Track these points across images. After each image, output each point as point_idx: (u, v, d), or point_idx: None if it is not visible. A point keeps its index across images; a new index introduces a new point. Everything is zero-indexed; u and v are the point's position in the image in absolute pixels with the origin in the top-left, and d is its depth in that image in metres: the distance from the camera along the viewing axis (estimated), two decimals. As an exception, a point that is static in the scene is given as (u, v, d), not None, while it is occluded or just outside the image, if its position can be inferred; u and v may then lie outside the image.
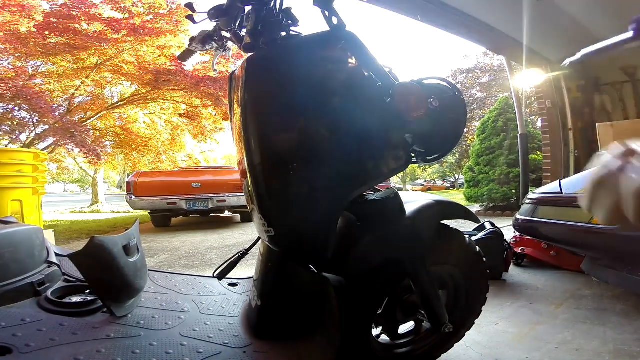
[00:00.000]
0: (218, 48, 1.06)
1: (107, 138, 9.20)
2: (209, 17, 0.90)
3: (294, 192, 0.78)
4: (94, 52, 6.92)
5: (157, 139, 9.29)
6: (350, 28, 0.78)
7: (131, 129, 9.05)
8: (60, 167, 11.38)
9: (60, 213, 9.45)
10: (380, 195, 0.86)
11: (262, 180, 0.77)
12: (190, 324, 0.88)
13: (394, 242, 0.84)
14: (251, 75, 0.77)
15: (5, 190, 2.39)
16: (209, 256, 3.15)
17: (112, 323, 0.80)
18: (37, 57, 6.86)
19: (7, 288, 0.82)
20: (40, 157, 2.64)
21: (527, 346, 1.26)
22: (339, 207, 0.81)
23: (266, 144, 0.77)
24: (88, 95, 8.39)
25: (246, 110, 0.77)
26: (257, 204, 0.80)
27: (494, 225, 2.13)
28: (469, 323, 1.07)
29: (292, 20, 0.86)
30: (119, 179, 29.39)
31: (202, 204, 4.93)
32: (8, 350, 0.65)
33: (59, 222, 6.71)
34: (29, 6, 6.19)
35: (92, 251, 0.80)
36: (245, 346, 0.83)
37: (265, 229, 0.81)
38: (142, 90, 8.30)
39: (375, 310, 0.90)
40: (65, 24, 6.42)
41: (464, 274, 1.02)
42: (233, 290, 1.16)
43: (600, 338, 1.28)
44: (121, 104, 8.70)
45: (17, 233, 0.91)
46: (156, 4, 7.27)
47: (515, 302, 1.70)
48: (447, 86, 0.85)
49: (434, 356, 1.04)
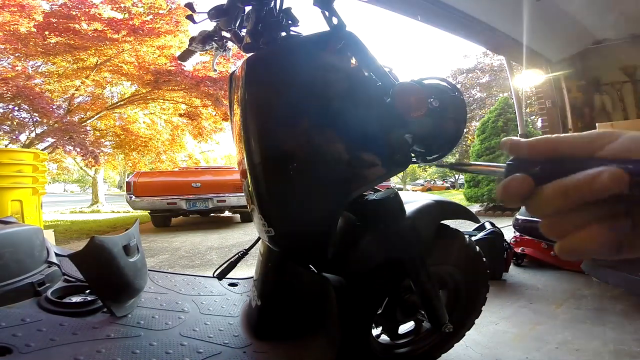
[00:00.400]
0: (218, 48, 1.06)
1: (107, 138, 9.21)
2: (209, 17, 0.90)
3: (294, 192, 0.78)
4: (93, 52, 6.93)
5: (157, 139, 9.29)
6: (350, 28, 0.78)
7: (131, 129, 9.05)
8: (60, 167, 11.40)
9: (60, 213, 9.45)
10: (380, 195, 0.86)
11: (262, 180, 0.77)
12: (190, 324, 0.88)
13: (394, 242, 0.84)
14: (251, 75, 0.77)
15: (5, 190, 2.39)
16: (209, 256, 3.15)
17: (112, 323, 0.80)
18: (37, 57, 6.87)
19: (7, 288, 0.82)
20: (40, 157, 2.64)
21: (527, 346, 1.26)
22: (339, 207, 0.81)
23: (266, 144, 0.77)
24: (88, 95, 8.40)
25: (246, 110, 0.77)
26: (257, 204, 0.80)
27: (494, 225, 2.13)
28: (469, 323, 1.07)
29: (292, 20, 0.86)
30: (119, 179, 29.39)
31: (202, 204, 4.93)
32: (8, 350, 0.65)
33: (59, 222, 6.71)
34: (28, 6, 6.20)
35: (92, 251, 0.80)
36: (245, 346, 0.83)
37: (265, 229, 0.81)
38: (142, 90, 8.31)
39: (375, 310, 0.90)
40: (65, 24, 6.43)
41: (464, 274, 1.02)
42: (233, 290, 1.16)
43: (600, 338, 1.28)
44: (121, 104, 8.71)
45: (17, 233, 0.91)
46: (156, 4, 7.27)
47: (515, 302, 1.70)
48: (447, 86, 0.85)
49: (434, 356, 1.04)
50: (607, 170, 0.19)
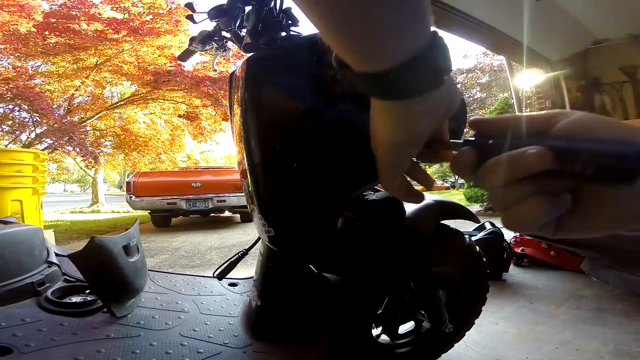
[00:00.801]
0: (218, 48, 1.06)
1: (106, 138, 9.22)
2: (209, 17, 0.90)
3: (294, 192, 0.78)
4: (93, 52, 6.93)
5: (157, 139, 9.30)
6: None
7: (131, 129, 9.06)
8: (60, 167, 11.41)
9: (60, 213, 9.45)
10: (380, 195, 0.86)
11: (262, 180, 0.77)
12: (190, 324, 0.88)
13: (394, 242, 0.84)
14: (251, 75, 0.77)
15: (5, 190, 2.39)
16: (209, 256, 3.15)
17: (112, 323, 0.80)
18: (37, 57, 6.87)
19: (7, 288, 0.82)
20: (40, 157, 2.64)
21: (527, 346, 1.26)
22: (339, 207, 0.81)
23: (266, 144, 0.77)
24: (88, 95, 8.40)
25: (246, 110, 0.77)
26: (257, 204, 0.80)
27: (494, 225, 2.14)
28: (469, 323, 1.07)
29: (292, 20, 0.86)
30: (119, 179, 29.38)
31: (202, 204, 4.93)
32: (8, 350, 0.65)
33: (59, 222, 6.71)
34: (28, 6, 6.20)
35: (92, 251, 0.80)
36: (245, 346, 0.83)
37: (265, 229, 0.81)
38: (142, 90, 8.31)
39: (375, 310, 0.90)
40: (64, 24, 6.43)
41: (464, 274, 1.02)
42: (233, 290, 1.16)
43: (600, 338, 1.28)
44: (121, 104, 8.71)
45: (17, 233, 0.91)
46: (156, 4, 7.27)
47: (515, 302, 1.70)
48: (447, 86, 0.85)
49: (434, 356, 1.04)
50: (534, 148, 0.20)
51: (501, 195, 0.23)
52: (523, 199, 0.22)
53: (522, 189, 0.22)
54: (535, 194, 0.21)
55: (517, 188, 0.22)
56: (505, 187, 0.22)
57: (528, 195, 0.22)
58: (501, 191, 0.22)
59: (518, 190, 0.22)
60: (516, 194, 0.22)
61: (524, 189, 0.22)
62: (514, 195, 0.22)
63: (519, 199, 0.22)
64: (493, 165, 0.22)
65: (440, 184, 26.44)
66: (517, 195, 0.22)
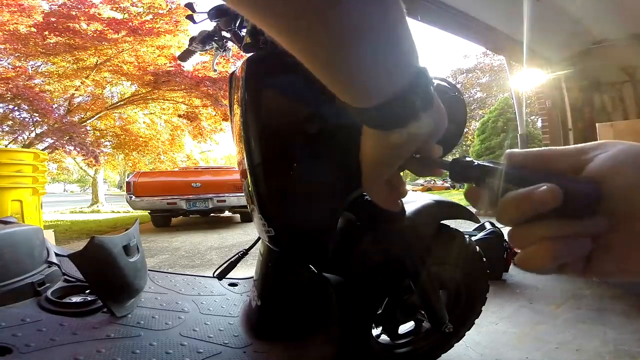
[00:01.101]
0: (218, 48, 1.06)
1: (106, 138, 9.21)
2: (209, 17, 0.90)
3: (294, 192, 0.78)
4: (93, 52, 6.93)
5: (157, 139, 9.30)
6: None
7: (131, 129, 9.06)
8: (60, 167, 11.41)
9: (60, 213, 9.45)
10: (380, 195, 0.86)
11: (262, 180, 0.77)
12: (190, 324, 0.88)
13: (394, 242, 0.84)
14: (251, 75, 0.77)
15: (5, 190, 2.39)
16: (209, 256, 3.15)
17: (112, 323, 0.80)
18: (37, 57, 6.87)
19: (7, 288, 0.82)
20: (40, 157, 2.64)
21: (527, 346, 1.26)
22: (339, 207, 0.81)
23: (266, 144, 0.77)
24: (88, 95, 8.40)
25: (246, 110, 0.77)
26: (257, 204, 0.80)
27: (494, 225, 2.13)
28: (469, 323, 1.07)
29: (292, 20, 0.86)
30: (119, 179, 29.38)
31: (202, 204, 4.93)
32: (8, 350, 0.65)
33: (59, 222, 6.71)
34: (28, 6, 6.20)
35: (92, 251, 0.80)
36: (245, 346, 0.83)
37: (265, 229, 0.81)
38: (142, 90, 8.31)
39: (375, 310, 0.90)
40: (64, 24, 6.43)
41: (464, 274, 1.02)
42: (233, 290, 1.16)
43: (601, 338, 1.28)
44: (121, 104, 8.71)
45: (17, 233, 0.91)
46: (155, 4, 7.27)
47: (515, 302, 1.70)
48: (447, 86, 0.85)
49: (434, 356, 1.04)
50: (543, 186, 0.20)
51: (519, 234, 0.22)
52: (534, 240, 0.21)
53: (532, 230, 0.21)
54: (546, 237, 0.20)
55: (537, 228, 0.21)
56: (520, 226, 0.21)
57: (539, 237, 0.20)
58: (519, 229, 0.22)
59: (529, 230, 0.21)
60: (528, 235, 0.21)
61: (534, 230, 0.21)
62: (532, 235, 0.21)
63: (531, 240, 0.21)
64: (507, 202, 0.22)
65: (441, 184, 26.46)
66: (528, 236, 0.21)
